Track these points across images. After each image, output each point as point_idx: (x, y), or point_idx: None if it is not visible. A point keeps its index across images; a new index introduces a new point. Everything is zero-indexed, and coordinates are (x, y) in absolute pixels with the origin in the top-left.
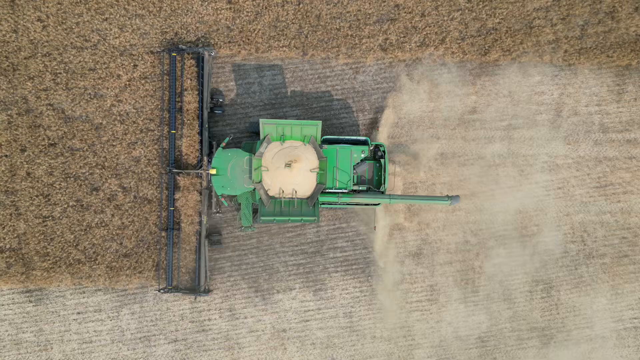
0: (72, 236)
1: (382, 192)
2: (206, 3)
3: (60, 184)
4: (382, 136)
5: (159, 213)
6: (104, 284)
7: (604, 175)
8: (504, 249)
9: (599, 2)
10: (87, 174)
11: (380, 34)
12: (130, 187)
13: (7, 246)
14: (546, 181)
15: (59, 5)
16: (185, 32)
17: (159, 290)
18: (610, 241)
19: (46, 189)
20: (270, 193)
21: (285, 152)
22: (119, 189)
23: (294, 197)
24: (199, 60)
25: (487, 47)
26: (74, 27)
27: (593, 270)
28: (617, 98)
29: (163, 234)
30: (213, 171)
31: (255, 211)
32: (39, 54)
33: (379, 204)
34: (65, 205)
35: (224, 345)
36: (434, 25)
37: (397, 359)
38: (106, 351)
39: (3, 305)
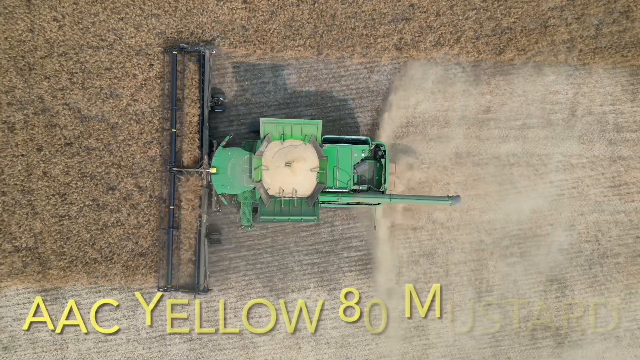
0: (89, 235)
1: (383, 192)
2: (222, 2)
3: (76, 184)
4: (394, 135)
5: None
6: (120, 283)
7: (618, 174)
8: (518, 249)
9: (613, 2)
10: (103, 173)
11: (395, 34)
12: (146, 186)
13: (24, 245)
14: (560, 181)
15: (75, 5)
16: (201, 31)
17: (158, 289)
18: (624, 241)
19: (62, 188)
20: (270, 192)
21: (285, 151)
22: (135, 188)
23: (294, 196)
24: (200, 59)
25: (502, 47)
26: (90, 26)
27: (607, 270)
28: (632, 97)
29: (163, 232)
30: (213, 170)
31: (255, 210)
32: (55, 54)
33: (379, 203)
34: (82, 205)
35: (238, 345)
36: (448, 25)
37: (412, 358)
38: (122, 350)
39: (19, 304)
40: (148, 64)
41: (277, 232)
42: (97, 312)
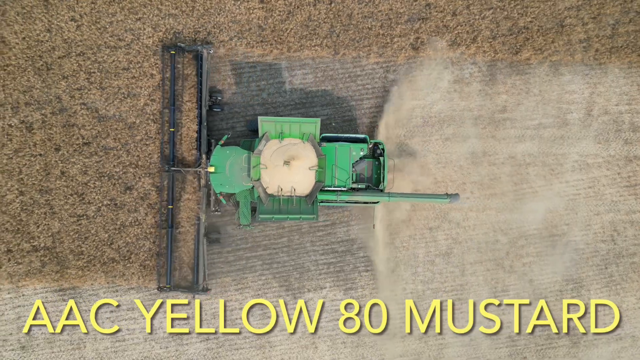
0: (106, 235)
1: (381, 190)
2: (239, 2)
3: (94, 183)
4: (410, 135)
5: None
6: (137, 282)
7: (634, 174)
8: (534, 248)
9: (630, 1)
10: (120, 173)
11: (412, 33)
12: (164, 185)
13: (42, 245)
14: (576, 180)
15: (92, 5)
16: (218, 31)
17: (157, 289)
18: None
19: (80, 187)
20: (269, 191)
21: (284, 150)
22: (153, 188)
23: (292, 195)
24: (198, 58)
25: (518, 46)
26: (107, 26)
27: (623, 270)
28: None
29: (163, 232)
30: (211, 169)
31: (254, 209)
32: (73, 54)
33: (378, 202)
34: (100, 204)
35: (255, 344)
36: (465, 24)
37: (427, 358)
38: (139, 349)
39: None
40: (165, 63)
41: (293, 231)
42: (112, 311)
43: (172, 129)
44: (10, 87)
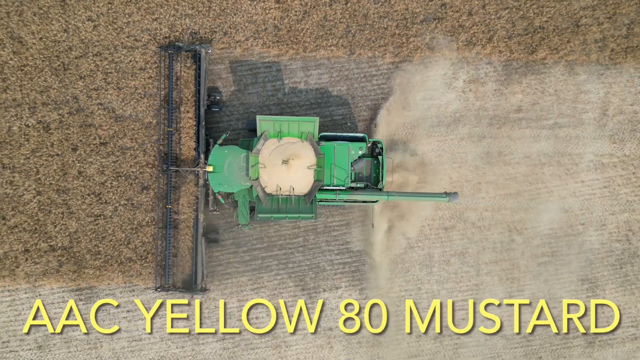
0: (123, 235)
1: (380, 189)
2: (255, 2)
3: (111, 183)
4: (426, 134)
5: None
6: (154, 282)
7: None
8: (549, 248)
9: None
10: (137, 172)
11: (428, 33)
12: (179, 185)
13: (59, 245)
14: (592, 180)
15: (109, 5)
16: (234, 31)
17: (155, 289)
18: None
19: (97, 187)
20: (268, 190)
21: (282, 149)
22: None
23: (291, 194)
24: (196, 58)
25: (534, 46)
26: (124, 26)
27: (638, 269)
28: None
29: (161, 232)
30: (210, 168)
31: (253, 209)
32: (90, 54)
33: (377, 201)
34: (116, 204)
35: (271, 344)
36: (481, 24)
37: (443, 357)
38: (155, 349)
39: (53, 303)
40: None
41: (308, 231)
42: (129, 311)
43: (170, 129)
44: (27, 87)
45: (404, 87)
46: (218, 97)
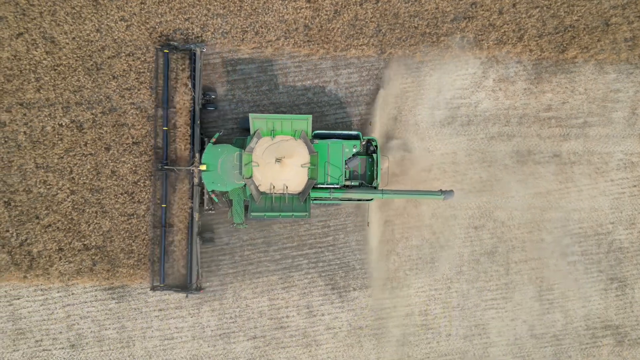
0: (156, 234)
1: (375, 188)
2: (286, 2)
3: (144, 182)
4: (456, 133)
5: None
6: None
7: None
8: (579, 247)
9: None
10: (169, 172)
11: (458, 32)
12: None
13: (93, 244)
14: (621, 179)
15: (142, 5)
16: (265, 30)
17: (151, 289)
18: None
19: (130, 187)
20: (261, 189)
21: (275, 147)
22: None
23: (285, 192)
24: (191, 57)
25: (564, 45)
26: (156, 26)
27: None
28: None
29: (157, 231)
30: (203, 167)
31: (247, 208)
32: (123, 54)
33: (372, 199)
34: (149, 203)
35: (301, 343)
36: (511, 23)
37: (472, 357)
38: (187, 348)
39: (86, 302)
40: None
41: (338, 230)
42: (161, 310)
43: (165, 128)
44: (60, 87)
45: (434, 86)
46: (214, 96)
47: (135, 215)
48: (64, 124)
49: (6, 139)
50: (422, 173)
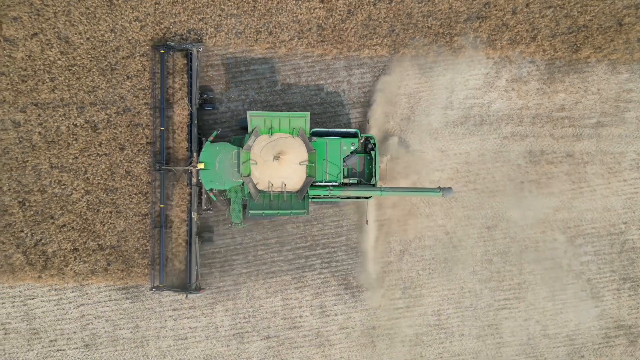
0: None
1: (373, 185)
2: (300, 2)
3: (158, 183)
4: (469, 133)
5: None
6: (200, 280)
7: None
8: (592, 247)
9: None
10: (182, 171)
11: (471, 32)
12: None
13: (107, 244)
14: (634, 179)
15: (156, 6)
16: (279, 31)
17: (151, 289)
18: None
19: (145, 187)
20: (260, 187)
21: (273, 145)
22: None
23: (283, 190)
24: (188, 57)
25: (578, 45)
26: (171, 27)
27: None
28: None
29: (156, 231)
30: (201, 166)
31: (245, 207)
32: (137, 54)
33: (370, 197)
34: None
35: (315, 342)
36: (525, 23)
37: (485, 357)
38: (201, 347)
39: (100, 302)
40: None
41: (351, 230)
42: (175, 309)
43: (162, 128)
44: (75, 87)
45: (446, 86)
46: (211, 96)
47: (149, 215)
48: (78, 124)
49: (21, 139)
50: (436, 172)
